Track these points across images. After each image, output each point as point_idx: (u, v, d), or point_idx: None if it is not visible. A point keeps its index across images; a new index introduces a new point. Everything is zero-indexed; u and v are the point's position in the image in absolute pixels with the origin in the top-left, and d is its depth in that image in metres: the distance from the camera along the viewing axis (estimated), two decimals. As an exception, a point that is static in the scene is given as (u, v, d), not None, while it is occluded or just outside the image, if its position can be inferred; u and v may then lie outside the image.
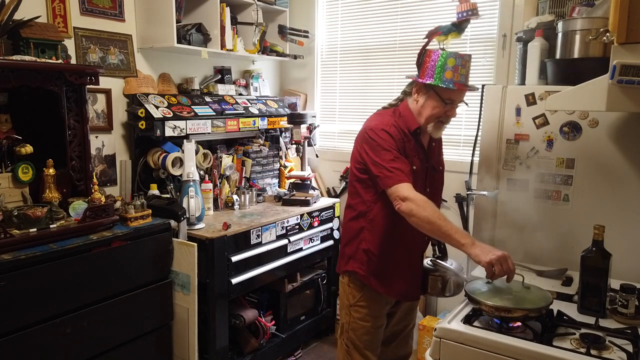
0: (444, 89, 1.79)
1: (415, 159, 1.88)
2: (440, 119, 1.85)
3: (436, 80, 1.78)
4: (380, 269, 1.91)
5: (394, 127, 1.85)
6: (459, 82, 1.78)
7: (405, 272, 1.94)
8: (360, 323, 1.97)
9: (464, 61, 1.78)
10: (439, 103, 1.81)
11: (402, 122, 1.88)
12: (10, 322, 1.82)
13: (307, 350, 3.26)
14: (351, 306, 1.98)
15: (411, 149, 1.87)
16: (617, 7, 1.47)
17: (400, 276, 1.93)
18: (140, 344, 2.30)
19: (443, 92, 1.80)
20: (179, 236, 2.46)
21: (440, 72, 1.77)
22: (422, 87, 1.85)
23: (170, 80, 3.06)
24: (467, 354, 1.55)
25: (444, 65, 1.77)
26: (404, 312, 2.10)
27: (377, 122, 1.88)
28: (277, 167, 3.59)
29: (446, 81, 1.77)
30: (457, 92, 1.81)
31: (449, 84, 1.77)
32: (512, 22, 2.82)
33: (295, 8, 3.70)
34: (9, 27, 2.09)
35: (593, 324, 1.62)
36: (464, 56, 1.80)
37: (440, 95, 1.80)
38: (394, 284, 1.93)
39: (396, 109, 1.93)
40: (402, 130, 1.86)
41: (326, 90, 3.78)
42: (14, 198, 2.12)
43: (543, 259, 2.12)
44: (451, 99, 1.81)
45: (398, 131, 1.85)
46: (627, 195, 1.99)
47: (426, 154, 1.95)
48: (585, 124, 2.05)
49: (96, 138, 2.65)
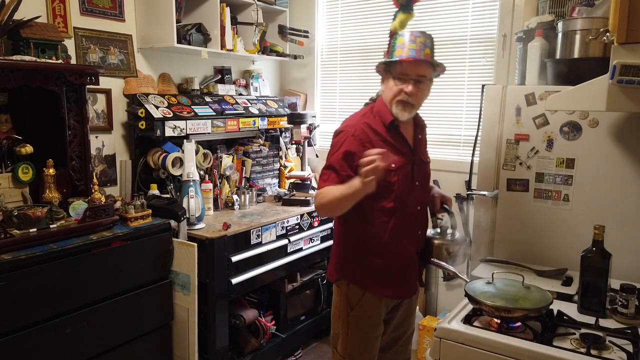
0: (394, 65, 1.79)
1: (396, 155, 1.81)
2: (400, 99, 1.79)
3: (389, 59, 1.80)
4: (376, 272, 1.86)
5: (360, 128, 1.82)
6: (407, 57, 1.75)
7: (401, 270, 1.89)
8: (359, 333, 1.89)
9: (413, 37, 1.77)
10: (395, 81, 1.80)
11: (377, 118, 1.85)
12: (10, 322, 1.82)
13: (307, 350, 3.26)
14: (349, 315, 1.90)
15: (389, 145, 1.81)
16: (617, 7, 1.47)
17: (397, 276, 1.88)
18: (140, 344, 2.30)
19: (394, 69, 1.80)
20: (179, 236, 2.45)
21: (392, 53, 1.79)
22: (383, 75, 1.86)
23: (170, 80, 3.06)
24: (467, 354, 1.55)
25: (394, 45, 1.79)
26: (402, 318, 2.02)
27: (344, 124, 1.88)
28: (277, 167, 3.59)
29: (395, 57, 1.78)
30: (407, 65, 1.77)
31: (394, 58, 1.77)
32: (512, 22, 2.82)
33: (295, 8, 3.70)
34: (9, 27, 2.09)
35: (593, 324, 1.62)
36: (414, 32, 1.78)
37: (392, 72, 1.80)
38: (392, 284, 1.88)
39: (373, 106, 1.90)
40: (373, 128, 1.82)
41: (326, 90, 3.78)
42: (14, 198, 2.12)
43: (543, 259, 2.12)
44: (403, 73, 1.78)
45: (367, 131, 1.81)
46: (627, 195, 1.99)
47: (411, 147, 1.89)
48: (585, 124, 2.05)
49: (96, 138, 2.65)
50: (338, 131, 1.87)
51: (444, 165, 3.07)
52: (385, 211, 1.82)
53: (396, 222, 1.83)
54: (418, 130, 1.94)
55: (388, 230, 1.84)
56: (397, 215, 1.83)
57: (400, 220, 1.84)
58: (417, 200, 1.90)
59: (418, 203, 1.90)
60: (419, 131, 1.95)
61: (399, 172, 1.82)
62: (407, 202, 1.85)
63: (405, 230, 1.86)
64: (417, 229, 1.92)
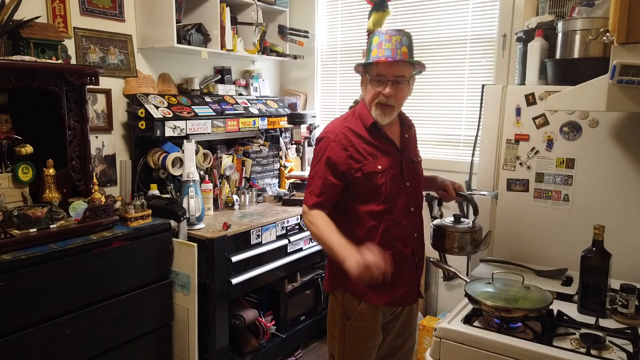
0: (370, 67, 1.75)
1: (382, 157, 1.78)
2: (378, 100, 1.76)
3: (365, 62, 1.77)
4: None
5: (342, 133, 1.78)
6: (382, 57, 1.70)
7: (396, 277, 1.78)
8: (355, 343, 1.83)
9: (388, 36, 1.71)
10: (372, 83, 1.76)
11: (359, 121, 1.81)
12: (10, 322, 1.82)
13: (307, 350, 3.26)
14: (345, 325, 1.84)
15: (374, 147, 1.78)
16: (617, 7, 1.47)
17: (392, 282, 1.75)
18: (140, 344, 2.30)
19: (370, 70, 1.76)
20: (179, 236, 2.46)
21: (369, 54, 1.76)
22: (362, 75, 1.84)
23: (170, 80, 3.06)
24: (467, 354, 1.55)
25: (371, 45, 1.75)
26: (402, 327, 1.94)
27: (324, 130, 1.84)
28: (277, 167, 3.59)
29: (371, 59, 1.73)
30: (382, 66, 1.72)
31: (370, 60, 1.73)
32: (512, 22, 2.82)
33: (295, 8, 3.70)
34: (9, 27, 2.09)
35: (593, 324, 1.62)
36: (389, 31, 1.73)
37: (369, 75, 1.77)
38: (389, 291, 1.80)
39: (355, 109, 1.87)
40: (355, 132, 1.78)
41: (326, 90, 3.78)
42: (14, 198, 2.12)
43: (543, 259, 2.12)
44: (380, 75, 1.73)
45: (349, 135, 1.77)
46: (627, 195, 1.99)
47: (398, 147, 1.84)
48: (585, 124, 2.05)
49: (96, 138, 2.65)
50: (319, 138, 1.84)
51: (444, 165, 3.07)
52: (374, 215, 1.77)
53: (387, 225, 1.78)
54: (405, 130, 1.89)
55: (379, 234, 1.77)
56: (388, 218, 1.78)
57: (392, 223, 1.78)
58: (409, 202, 1.83)
59: (411, 204, 1.83)
60: (406, 130, 1.90)
61: (386, 173, 1.77)
62: (397, 204, 1.79)
63: (398, 233, 1.80)
64: (412, 232, 1.84)
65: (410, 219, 1.84)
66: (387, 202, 1.77)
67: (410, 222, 1.84)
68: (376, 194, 1.77)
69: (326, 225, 1.72)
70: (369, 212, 1.78)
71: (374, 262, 1.55)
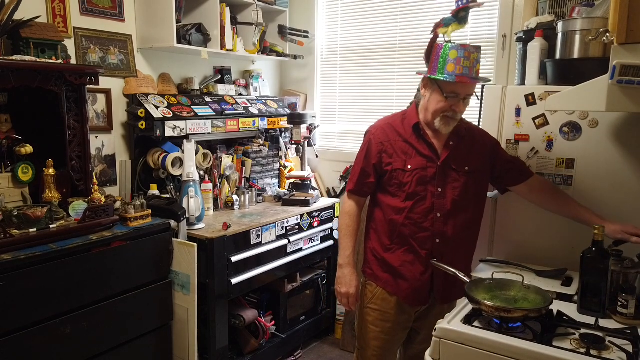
0: (446, 83, 1.75)
1: (416, 157, 1.86)
2: (446, 114, 1.80)
3: (438, 73, 1.75)
4: (385, 268, 1.93)
5: (381, 128, 1.94)
6: (461, 75, 1.72)
7: (409, 273, 1.90)
8: (370, 327, 1.97)
9: (467, 53, 1.72)
10: (443, 97, 1.78)
11: (405, 121, 1.91)
12: (10, 322, 1.82)
13: (307, 350, 3.26)
14: (363, 308, 2.01)
15: (410, 146, 1.88)
16: (617, 7, 1.47)
17: (404, 277, 1.90)
18: (140, 344, 2.30)
19: (445, 85, 1.77)
20: (178, 236, 2.45)
21: (442, 66, 1.74)
22: (428, 82, 1.84)
23: (170, 80, 3.06)
24: (467, 354, 1.55)
25: (446, 58, 1.74)
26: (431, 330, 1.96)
27: (371, 125, 2.01)
28: (277, 167, 3.59)
29: (447, 74, 1.73)
30: (459, 85, 1.75)
31: (449, 77, 1.73)
32: (512, 22, 2.82)
33: (295, 8, 3.70)
34: (9, 27, 2.09)
35: (593, 324, 1.62)
36: (468, 47, 1.74)
37: (443, 89, 1.77)
38: (399, 284, 1.92)
39: (406, 111, 1.97)
40: (395, 129, 1.90)
41: (326, 90, 3.78)
42: (14, 198, 2.12)
43: (543, 259, 2.11)
44: (454, 92, 1.77)
45: (387, 131, 1.91)
46: (627, 195, 1.99)
47: (437, 152, 1.88)
48: (585, 124, 2.05)
49: (96, 138, 2.65)
50: (365, 133, 2.01)
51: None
52: (396, 209, 1.88)
53: (405, 223, 1.87)
54: (452, 137, 1.90)
55: (397, 229, 1.89)
56: (408, 216, 1.87)
57: (411, 222, 1.86)
58: (436, 207, 1.86)
59: (438, 210, 1.86)
60: (453, 137, 1.90)
61: (414, 174, 1.85)
62: (420, 206, 1.85)
63: (415, 233, 1.86)
64: (432, 236, 1.87)
65: (433, 224, 1.87)
66: (409, 200, 1.86)
67: (432, 226, 1.87)
68: (400, 191, 1.87)
69: (347, 227, 1.98)
70: (392, 206, 1.90)
71: (344, 293, 1.96)
